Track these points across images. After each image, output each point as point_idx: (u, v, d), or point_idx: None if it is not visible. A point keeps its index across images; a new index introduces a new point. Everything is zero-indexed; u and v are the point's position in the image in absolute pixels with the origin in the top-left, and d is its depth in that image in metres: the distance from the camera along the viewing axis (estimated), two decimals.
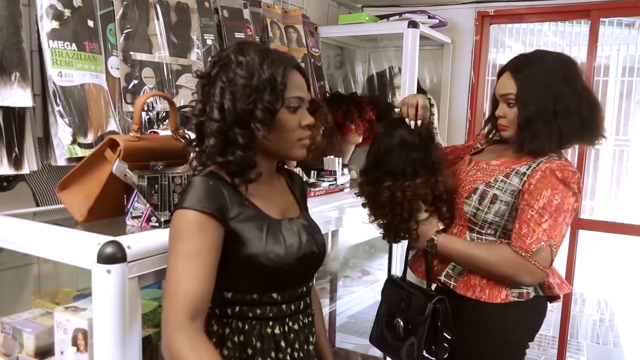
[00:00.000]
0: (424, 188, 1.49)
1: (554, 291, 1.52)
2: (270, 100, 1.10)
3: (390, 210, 1.52)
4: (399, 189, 1.50)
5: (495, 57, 2.99)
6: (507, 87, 1.48)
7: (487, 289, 1.49)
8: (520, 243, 1.41)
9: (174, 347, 0.97)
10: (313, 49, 2.64)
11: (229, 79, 1.09)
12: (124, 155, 1.24)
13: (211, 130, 1.09)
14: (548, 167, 1.43)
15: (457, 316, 1.53)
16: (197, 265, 1.03)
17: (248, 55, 1.11)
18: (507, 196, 1.47)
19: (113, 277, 1.07)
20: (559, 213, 1.40)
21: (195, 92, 1.17)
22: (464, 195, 1.53)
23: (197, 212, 1.05)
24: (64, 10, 1.46)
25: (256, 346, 1.14)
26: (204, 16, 1.96)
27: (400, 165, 1.50)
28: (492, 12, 2.89)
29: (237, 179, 1.12)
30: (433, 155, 1.53)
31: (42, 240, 1.21)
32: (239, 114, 1.08)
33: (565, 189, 1.41)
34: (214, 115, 1.09)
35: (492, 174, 1.52)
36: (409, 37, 2.46)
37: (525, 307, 1.51)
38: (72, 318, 1.15)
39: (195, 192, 1.08)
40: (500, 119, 1.52)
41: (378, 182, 1.54)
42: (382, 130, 1.58)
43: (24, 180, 1.51)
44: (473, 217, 1.52)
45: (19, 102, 1.32)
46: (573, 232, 2.75)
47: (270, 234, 1.14)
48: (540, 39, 2.97)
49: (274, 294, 1.16)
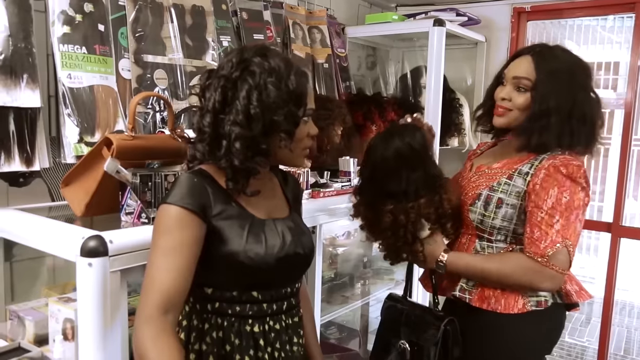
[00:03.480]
0: (427, 208, 1.39)
1: (572, 299, 1.43)
2: (296, 112, 1.12)
3: (392, 233, 1.42)
4: (401, 212, 1.39)
5: None
6: (525, 71, 1.41)
7: (503, 299, 1.41)
8: (534, 248, 1.34)
9: (138, 338, 0.99)
10: (339, 50, 2.64)
11: (257, 84, 1.09)
12: (118, 153, 1.28)
13: (236, 134, 1.08)
14: (551, 163, 1.35)
15: (471, 330, 1.47)
16: (174, 259, 1.05)
17: (273, 61, 1.11)
18: (513, 199, 1.40)
19: (94, 270, 1.11)
20: (570, 211, 1.33)
21: (202, 88, 1.15)
22: (468, 202, 1.47)
23: (178, 208, 1.07)
24: (75, 16, 1.53)
25: (234, 343, 1.15)
26: (221, 18, 2.00)
27: (402, 186, 1.39)
28: (528, 8, 2.77)
29: (230, 183, 1.13)
30: (434, 170, 1.43)
31: (35, 233, 1.28)
32: (267, 123, 1.09)
33: (572, 185, 1.34)
34: (240, 119, 1.08)
35: (495, 177, 1.45)
36: (434, 36, 2.41)
37: (543, 317, 1.43)
38: (62, 308, 1.21)
39: (179, 188, 1.10)
40: (502, 101, 1.44)
41: (378, 205, 1.42)
42: (376, 145, 1.43)
43: (40, 177, 1.60)
44: (480, 224, 1.45)
45: (27, 103, 1.40)
46: (614, 240, 2.59)
47: (252, 233, 1.15)
48: (582, 35, 2.82)
49: (254, 292, 1.16)
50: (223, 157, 1.10)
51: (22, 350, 1.30)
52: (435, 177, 1.42)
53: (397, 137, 1.38)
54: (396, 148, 1.37)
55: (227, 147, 1.09)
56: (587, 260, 4.00)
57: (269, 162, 1.18)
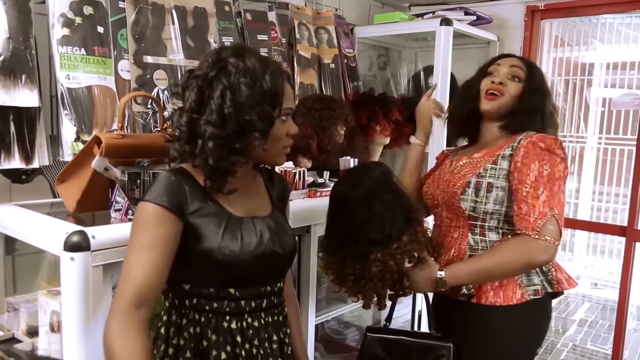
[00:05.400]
0: (411, 244, 1.35)
1: (563, 286, 1.47)
2: (271, 112, 1.13)
3: (379, 280, 1.36)
4: (390, 257, 1.33)
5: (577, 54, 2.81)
6: (518, 62, 1.53)
7: (501, 291, 1.43)
8: (524, 223, 1.35)
9: (107, 331, 1.02)
10: (347, 50, 2.64)
11: (231, 84, 1.11)
12: (107, 151, 1.32)
13: (210, 133, 1.10)
14: (529, 141, 1.41)
15: (471, 326, 1.48)
16: (149, 255, 1.07)
17: (249, 61, 1.13)
18: (502, 181, 1.43)
19: (76, 265, 1.15)
20: (553, 182, 1.37)
21: (182, 88, 1.16)
22: (459, 192, 1.47)
23: (155, 205, 1.10)
24: (74, 18, 1.58)
25: (211, 339, 1.16)
26: (223, 20, 2.03)
27: (385, 231, 1.32)
28: (542, 7, 2.71)
29: (209, 182, 1.14)
30: (406, 202, 1.39)
31: (26, 228, 1.33)
32: (240, 122, 1.11)
33: (552, 157, 1.39)
34: (213, 119, 1.10)
35: (479, 165, 1.47)
36: (441, 35, 2.38)
37: (539, 307, 1.46)
38: (49, 300, 1.25)
39: (157, 186, 1.12)
40: (498, 85, 1.50)
41: (362, 257, 1.35)
42: (346, 193, 1.37)
43: (42, 174, 1.66)
44: (472, 211, 1.46)
45: (26, 103, 1.46)
46: (629, 244, 2.52)
47: (228, 230, 1.16)
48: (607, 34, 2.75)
49: (231, 289, 1.18)
50: (198, 156, 1.12)
51: (16, 340, 1.36)
52: (410, 209, 1.38)
53: (363, 177, 1.36)
54: (368, 191, 1.34)
55: (202, 146, 1.11)
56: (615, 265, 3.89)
57: (247, 161, 1.19)
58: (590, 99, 5.28)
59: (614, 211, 3.51)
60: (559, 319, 4.28)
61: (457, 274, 1.42)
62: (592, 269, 5.61)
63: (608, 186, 5.38)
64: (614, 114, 4.88)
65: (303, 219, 1.73)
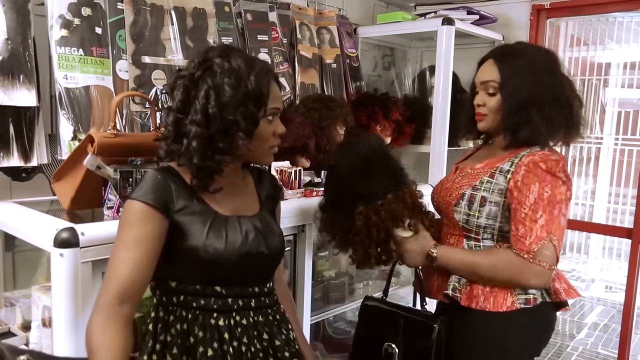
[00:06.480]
0: (395, 203, 1.42)
1: (561, 297, 1.43)
2: (255, 112, 1.14)
3: (365, 235, 1.43)
4: (373, 211, 1.41)
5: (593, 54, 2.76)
6: (490, 75, 1.44)
7: (491, 297, 1.41)
8: (520, 245, 1.34)
9: (89, 325, 1.04)
10: (349, 50, 2.64)
11: (215, 84, 1.13)
12: (100, 150, 1.34)
13: (194, 133, 1.12)
14: (531, 160, 1.36)
15: (461, 330, 1.46)
16: (134, 252, 1.09)
17: (234, 61, 1.15)
18: (496, 196, 1.40)
19: (66, 261, 1.18)
20: (553, 205, 1.33)
21: (171, 87, 1.19)
22: (453, 203, 1.47)
23: (141, 203, 1.12)
24: (73, 19, 1.61)
25: (198, 335, 1.18)
26: (223, 20, 2.05)
27: (371, 187, 1.41)
28: (547, 5, 2.68)
29: (195, 181, 1.16)
30: (396, 164, 1.46)
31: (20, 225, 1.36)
32: (224, 122, 1.12)
33: (553, 179, 1.34)
34: (197, 119, 1.12)
35: (477, 177, 1.45)
36: (443, 35, 2.37)
37: (531, 316, 1.42)
38: (41, 296, 1.28)
39: (144, 184, 1.14)
40: (479, 108, 1.47)
41: (349, 211, 1.44)
42: (341, 159, 1.49)
43: (42, 172, 1.69)
44: (466, 224, 1.45)
45: (23, 102, 1.49)
46: (635, 246, 2.47)
47: (213, 229, 1.17)
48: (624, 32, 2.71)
49: (217, 287, 1.19)
50: (183, 155, 1.14)
51: (12, 334, 1.39)
52: (399, 173, 1.45)
53: (358, 144, 1.45)
54: (360, 153, 1.43)
55: (187, 145, 1.13)
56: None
57: (233, 161, 1.20)
58: (606, 99, 5.20)
59: (630, 213, 3.45)
60: (572, 322, 4.23)
61: (449, 256, 1.44)
62: (607, 272, 5.53)
63: (625, 188, 5.28)
64: (631, 114, 4.80)
65: (298, 218, 1.74)
